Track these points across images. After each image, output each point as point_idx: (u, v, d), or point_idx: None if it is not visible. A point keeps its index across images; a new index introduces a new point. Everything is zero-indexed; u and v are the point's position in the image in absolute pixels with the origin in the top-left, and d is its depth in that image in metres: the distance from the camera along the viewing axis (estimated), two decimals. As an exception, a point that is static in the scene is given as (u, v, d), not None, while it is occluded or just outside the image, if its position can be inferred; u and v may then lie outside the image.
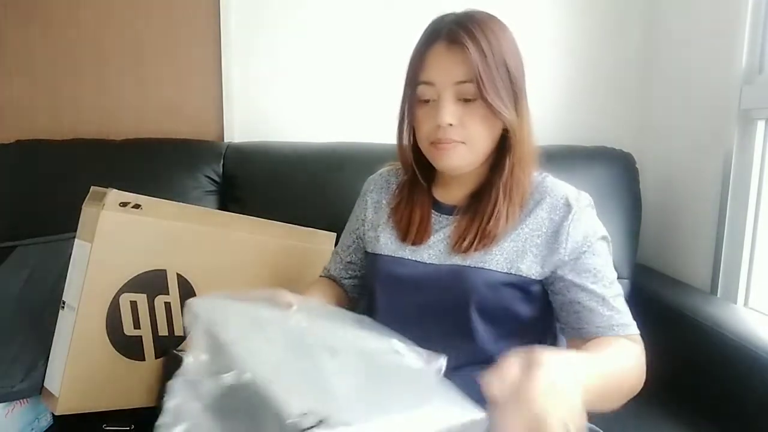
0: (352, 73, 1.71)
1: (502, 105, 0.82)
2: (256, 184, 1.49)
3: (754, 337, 1.06)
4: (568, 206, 0.86)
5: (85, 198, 1.01)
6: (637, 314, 0.88)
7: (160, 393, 1.03)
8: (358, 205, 1.06)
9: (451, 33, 0.83)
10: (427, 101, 0.85)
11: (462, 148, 0.84)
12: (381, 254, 0.94)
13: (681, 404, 1.16)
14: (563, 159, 1.43)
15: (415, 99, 0.87)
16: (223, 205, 1.51)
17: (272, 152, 1.56)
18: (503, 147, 0.88)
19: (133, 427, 1.05)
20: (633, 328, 0.84)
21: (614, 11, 1.68)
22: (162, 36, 1.71)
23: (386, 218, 0.97)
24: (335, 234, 1.24)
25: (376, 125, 1.71)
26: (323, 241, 1.25)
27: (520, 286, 0.86)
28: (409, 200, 0.94)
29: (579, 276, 0.84)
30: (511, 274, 0.85)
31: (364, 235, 1.01)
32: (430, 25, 0.88)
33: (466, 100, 0.83)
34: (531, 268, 0.86)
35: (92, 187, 1.01)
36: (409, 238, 0.91)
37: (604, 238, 0.87)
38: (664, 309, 1.30)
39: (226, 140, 1.71)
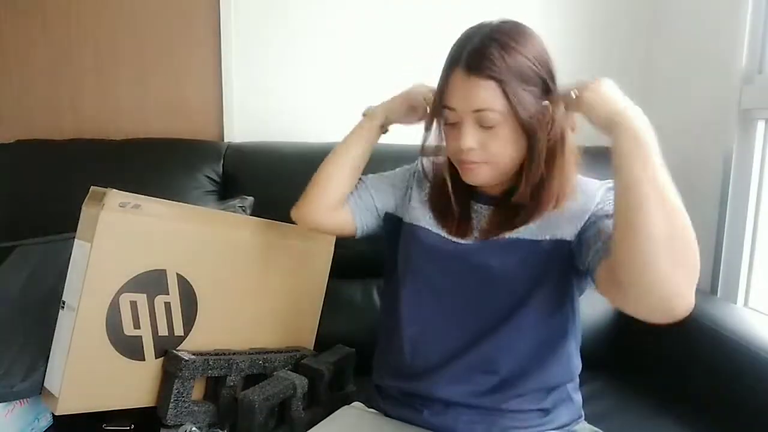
0: (352, 73, 1.71)
1: (530, 121, 0.83)
2: (256, 184, 1.49)
3: (754, 337, 1.06)
4: (594, 188, 0.90)
5: (85, 198, 1.01)
6: (636, 314, 0.88)
7: (160, 393, 1.03)
8: (407, 170, 1.08)
9: (470, 60, 0.82)
10: (451, 123, 0.87)
11: (485, 167, 0.86)
12: (420, 226, 0.97)
13: (681, 404, 1.16)
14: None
15: (442, 118, 0.89)
16: (223, 205, 1.51)
17: (272, 152, 1.55)
18: (533, 156, 0.87)
19: (133, 427, 1.05)
20: None
21: (614, 11, 1.68)
22: (162, 36, 1.71)
23: (427, 204, 0.99)
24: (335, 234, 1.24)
25: (376, 125, 1.71)
26: (323, 241, 1.25)
27: (557, 250, 0.87)
28: (445, 192, 0.95)
29: (603, 217, 0.85)
30: (546, 239, 0.88)
31: (404, 195, 1.03)
32: (456, 41, 0.87)
33: (485, 126, 0.83)
34: (565, 230, 0.87)
35: (92, 187, 1.01)
36: (452, 230, 0.94)
37: None
38: (664, 309, 1.30)
39: (226, 140, 1.71)
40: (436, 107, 0.89)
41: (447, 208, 0.95)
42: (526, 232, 0.88)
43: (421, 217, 0.98)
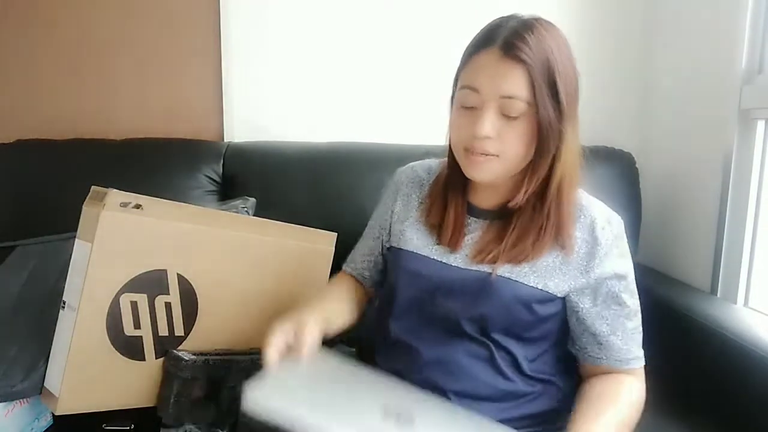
0: (352, 73, 1.71)
1: (548, 126, 0.80)
2: (256, 184, 1.49)
3: (754, 337, 1.06)
4: (598, 233, 0.86)
5: (85, 198, 1.01)
6: (636, 314, 0.89)
7: (160, 393, 1.03)
8: (387, 196, 1.04)
9: (508, 42, 0.78)
10: (468, 107, 0.82)
11: (495, 161, 0.82)
12: (405, 250, 0.93)
13: (681, 404, 1.16)
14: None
15: (456, 103, 0.84)
16: (223, 205, 1.51)
17: (272, 152, 1.56)
18: (538, 162, 0.84)
19: (133, 427, 1.05)
20: (642, 360, 0.90)
21: (614, 11, 1.68)
22: (162, 36, 1.71)
23: (415, 214, 0.96)
24: (335, 234, 1.24)
25: (375, 125, 1.71)
26: (323, 241, 1.25)
27: (546, 302, 0.86)
28: (444, 199, 0.93)
29: (607, 308, 0.86)
30: (538, 289, 0.85)
31: (390, 227, 0.99)
32: (488, 24, 0.84)
33: (509, 115, 0.80)
34: (558, 286, 0.85)
35: (93, 187, 1.01)
36: (444, 240, 0.90)
37: (629, 271, 0.89)
38: (664, 309, 1.30)
39: (226, 140, 1.71)
40: (455, 86, 0.86)
41: (442, 214, 0.92)
42: (519, 274, 0.84)
43: (408, 239, 0.93)
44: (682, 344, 1.21)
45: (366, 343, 1.08)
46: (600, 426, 0.78)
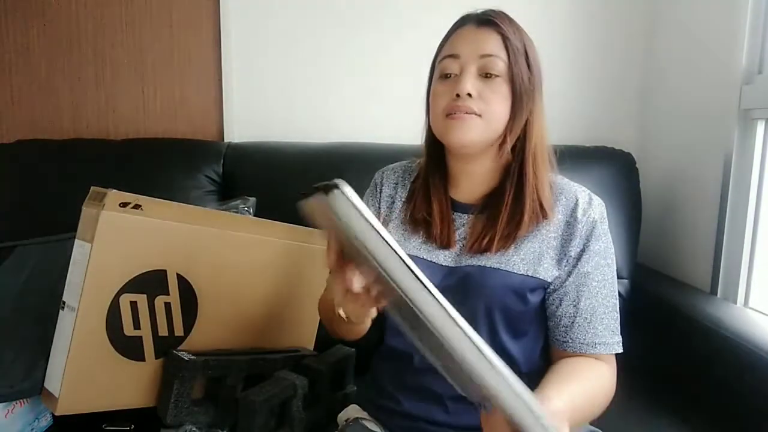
0: (352, 73, 1.71)
1: (523, 85, 0.85)
2: (256, 184, 1.49)
3: (754, 337, 1.06)
4: (579, 213, 0.87)
5: (85, 198, 1.01)
6: (637, 314, 0.88)
7: (160, 393, 1.03)
8: (371, 195, 1.02)
9: (482, 16, 0.88)
10: (448, 76, 0.87)
11: (478, 121, 0.85)
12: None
13: (681, 404, 1.16)
14: (563, 159, 1.43)
15: (436, 78, 0.90)
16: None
17: (272, 152, 1.55)
18: (517, 148, 0.89)
19: (133, 427, 1.05)
20: (614, 347, 0.86)
21: (614, 11, 1.68)
22: (162, 36, 1.71)
23: (400, 215, 0.96)
24: (335, 234, 1.24)
25: (375, 125, 1.71)
26: (323, 241, 1.24)
27: (537, 289, 0.86)
28: (426, 194, 0.93)
29: (576, 289, 0.85)
30: (529, 276, 0.85)
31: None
32: (458, 18, 0.92)
33: (488, 76, 0.85)
34: (548, 271, 0.86)
35: (92, 187, 1.01)
36: (434, 236, 0.90)
37: (605, 254, 0.88)
38: (664, 309, 1.30)
39: (226, 140, 1.71)
40: (433, 68, 0.92)
41: (428, 209, 0.91)
42: (509, 264, 0.85)
43: (401, 243, 0.91)
44: (682, 344, 1.21)
45: (364, 345, 1.08)
46: (565, 397, 0.72)
